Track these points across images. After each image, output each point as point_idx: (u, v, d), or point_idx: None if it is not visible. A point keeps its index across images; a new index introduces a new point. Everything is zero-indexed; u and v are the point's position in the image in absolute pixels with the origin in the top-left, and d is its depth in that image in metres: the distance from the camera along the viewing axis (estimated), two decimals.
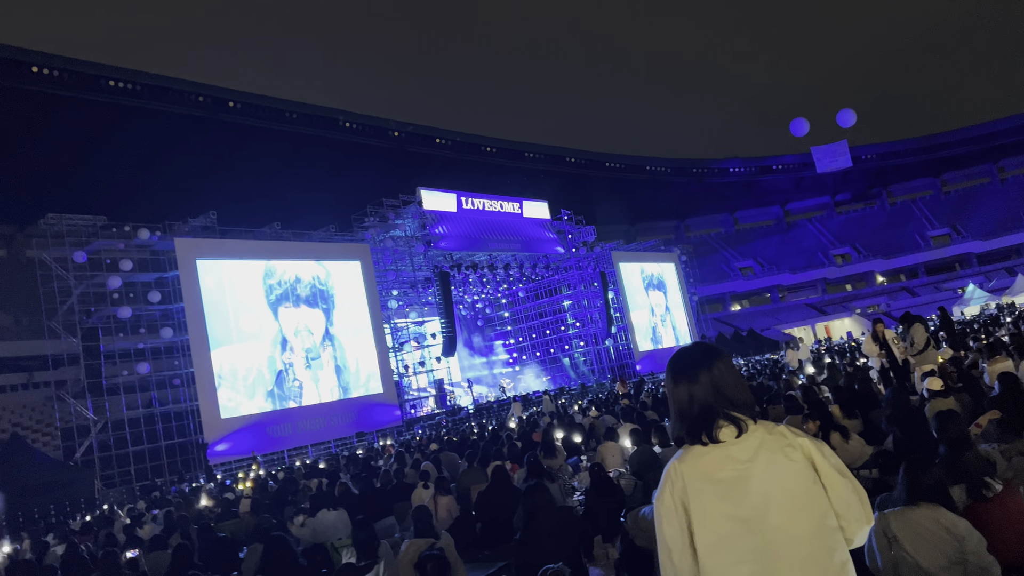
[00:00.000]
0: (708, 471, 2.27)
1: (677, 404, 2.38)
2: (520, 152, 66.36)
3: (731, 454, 2.26)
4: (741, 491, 2.23)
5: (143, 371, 25.64)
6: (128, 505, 20.15)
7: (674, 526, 2.29)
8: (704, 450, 2.29)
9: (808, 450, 2.28)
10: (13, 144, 42.18)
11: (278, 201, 47.60)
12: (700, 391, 2.32)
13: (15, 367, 38.77)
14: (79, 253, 24.76)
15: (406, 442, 23.54)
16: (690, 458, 2.31)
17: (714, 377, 2.33)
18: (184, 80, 47.18)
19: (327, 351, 29.66)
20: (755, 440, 2.26)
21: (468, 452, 12.87)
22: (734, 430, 2.28)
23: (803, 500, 2.21)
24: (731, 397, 2.31)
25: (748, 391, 2.36)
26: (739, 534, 2.20)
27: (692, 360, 2.39)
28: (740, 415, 2.29)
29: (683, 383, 2.36)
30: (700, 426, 2.30)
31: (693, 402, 2.33)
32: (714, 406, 2.30)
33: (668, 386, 2.44)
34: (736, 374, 2.37)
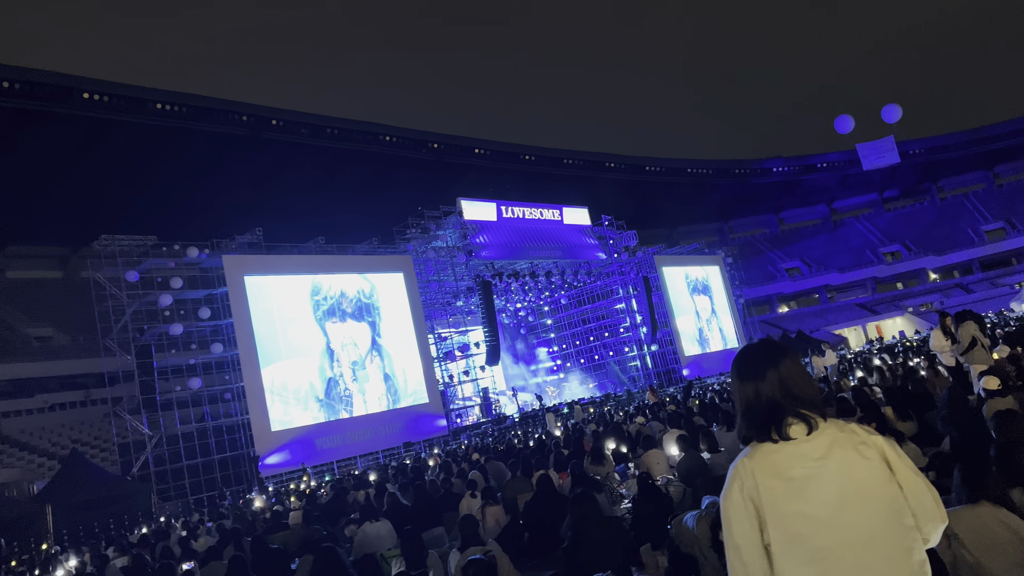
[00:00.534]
0: (779, 469, 2.24)
1: (744, 402, 2.36)
2: (559, 159, 66.34)
3: (803, 452, 2.24)
4: (815, 489, 2.20)
5: (195, 386, 26.18)
6: (183, 518, 20.58)
7: (744, 524, 2.26)
8: (774, 448, 2.27)
9: (882, 448, 2.26)
10: (67, 168, 43.60)
11: (322, 216, 48.33)
12: (767, 388, 2.31)
13: (73, 385, 39.98)
14: (131, 272, 25.44)
15: (452, 451, 23.61)
16: (760, 455, 2.28)
17: (782, 374, 2.32)
18: (227, 100, 48.27)
19: (373, 363, 29.94)
20: (827, 438, 2.25)
21: (513, 461, 12.85)
22: (804, 427, 2.26)
23: (879, 498, 2.19)
24: (799, 394, 2.30)
25: (816, 388, 2.34)
26: (813, 533, 2.18)
27: (759, 357, 2.38)
28: (809, 412, 2.28)
29: (750, 380, 2.35)
30: (769, 423, 2.29)
31: (760, 399, 2.31)
32: (782, 403, 2.29)
33: (734, 384, 2.43)
34: (804, 371, 2.36)
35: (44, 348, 41.69)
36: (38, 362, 39.84)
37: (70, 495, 21.67)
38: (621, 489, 10.29)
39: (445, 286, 34.85)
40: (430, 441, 29.26)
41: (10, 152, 40.84)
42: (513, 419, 32.71)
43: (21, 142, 40.65)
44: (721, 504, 2.34)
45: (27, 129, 40.16)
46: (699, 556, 5.73)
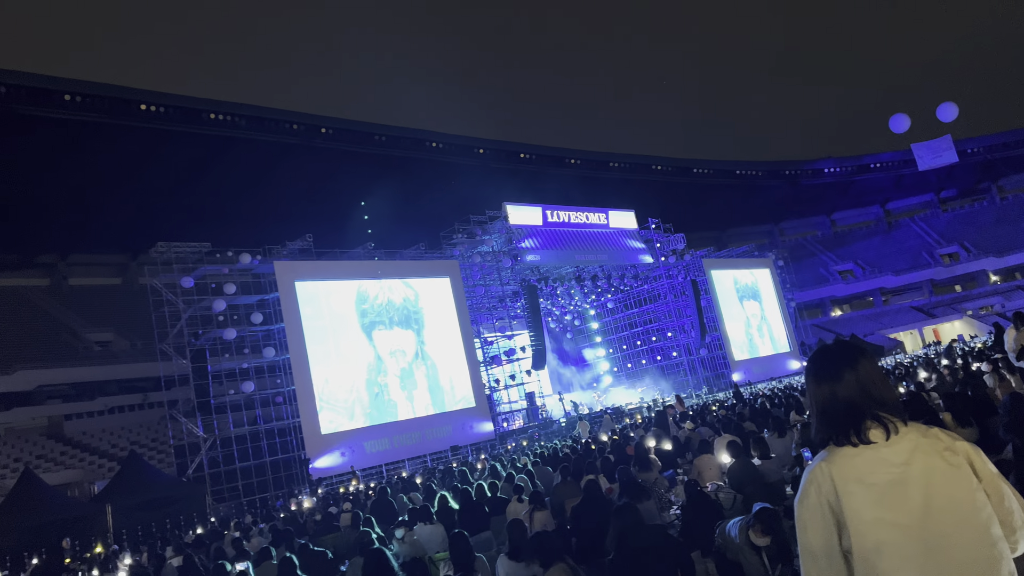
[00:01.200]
0: (860, 474, 2.16)
1: (820, 404, 2.30)
2: (604, 162, 66.06)
3: (884, 456, 2.16)
4: (898, 495, 2.12)
5: (248, 390, 26.71)
6: (236, 519, 20.99)
7: (819, 531, 2.20)
8: (853, 452, 2.20)
9: (969, 454, 2.18)
10: (125, 178, 44.98)
11: (370, 222, 48.94)
12: (844, 390, 2.25)
13: (131, 388, 41.17)
14: (187, 279, 26.09)
15: (499, 456, 23.65)
16: (839, 459, 2.21)
17: (860, 376, 2.25)
18: (279, 109, 49.29)
19: (420, 368, 30.18)
20: (908, 443, 2.17)
21: (561, 466, 12.82)
22: (883, 431, 2.19)
23: (967, 506, 2.11)
24: (878, 396, 2.23)
25: (894, 390, 2.28)
26: (897, 541, 2.10)
27: (835, 358, 2.32)
28: (889, 416, 2.21)
29: (826, 382, 2.29)
30: (847, 426, 2.22)
31: (838, 401, 2.25)
32: (861, 405, 2.22)
33: (809, 386, 2.37)
34: (882, 373, 2.29)
35: (104, 352, 43.01)
36: (99, 366, 41.13)
37: (128, 495, 22.30)
38: (670, 495, 10.18)
39: (491, 291, 34.96)
40: (477, 445, 29.36)
41: (72, 163, 42.30)
42: (560, 423, 32.62)
43: (83, 153, 42.06)
44: (796, 509, 2.27)
45: (88, 141, 41.54)
46: (744, 563, 5.66)
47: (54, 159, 41.67)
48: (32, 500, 21.36)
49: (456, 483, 14.66)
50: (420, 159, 54.80)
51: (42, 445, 36.98)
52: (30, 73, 39.94)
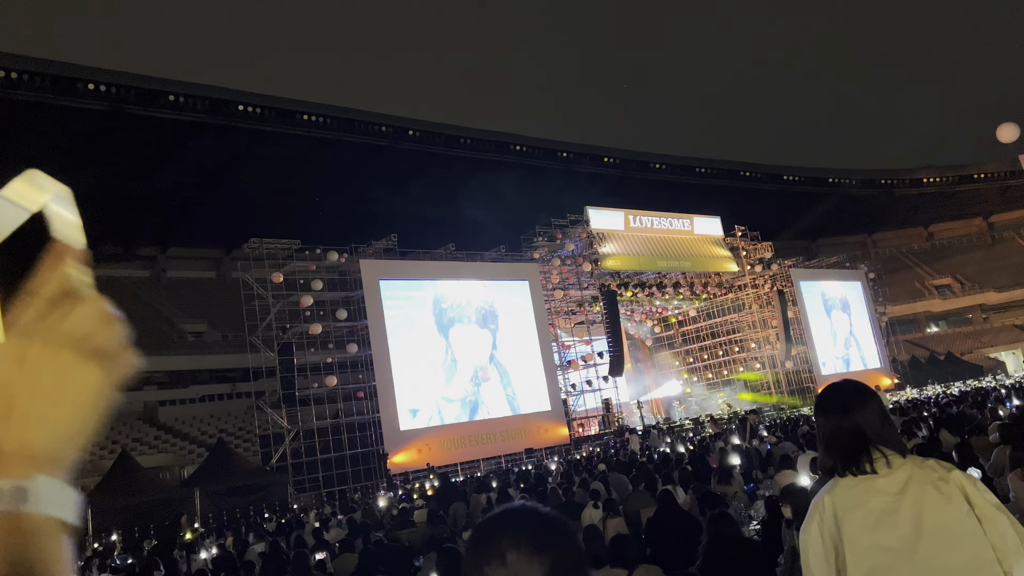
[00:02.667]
0: (857, 502, 2.36)
1: (827, 435, 2.52)
2: (691, 167, 65.00)
3: (880, 487, 2.35)
4: (891, 522, 2.30)
5: (331, 384, 27.41)
6: (316, 509, 21.57)
7: (820, 557, 2.39)
8: (853, 482, 2.39)
9: (961, 483, 2.34)
10: (223, 176, 46.93)
11: (452, 223, 49.57)
12: (850, 424, 2.45)
13: (222, 378, 42.89)
14: (276, 274, 27.01)
15: (574, 461, 23.53)
16: (840, 490, 2.42)
17: (865, 412, 2.45)
18: (369, 111, 50.53)
19: (497, 370, 30.35)
20: (903, 473, 2.35)
21: (636, 474, 12.66)
22: (883, 464, 2.38)
23: (956, 531, 2.27)
24: (880, 432, 2.43)
25: (895, 430, 2.49)
26: (890, 565, 2.28)
27: (846, 394, 2.54)
28: (888, 449, 2.40)
29: (834, 415, 2.50)
30: (850, 456, 2.42)
31: (843, 433, 2.45)
32: (864, 439, 2.42)
33: (818, 418, 2.59)
34: (885, 415, 2.50)
35: (198, 343, 44.94)
36: (192, 356, 43.02)
37: (216, 481, 23.24)
38: (749, 510, 9.92)
39: (570, 295, 34.85)
40: (551, 449, 29.30)
41: (174, 161, 44.42)
42: (636, 432, 32.24)
43: (183, 151, 44.11)
44: (800, 537, 2.48)
45: (188, 140, 43.54)
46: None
47: (158, 157, 43.83)
48: (127, 481, 22.51)
49: (530, 486, 14.66)
50: (504, 162, 55.18)
51: (138, 429, 38.91)
52: (137, 74, 42.14)
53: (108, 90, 39.88)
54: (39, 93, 37.89)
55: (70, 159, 41.73)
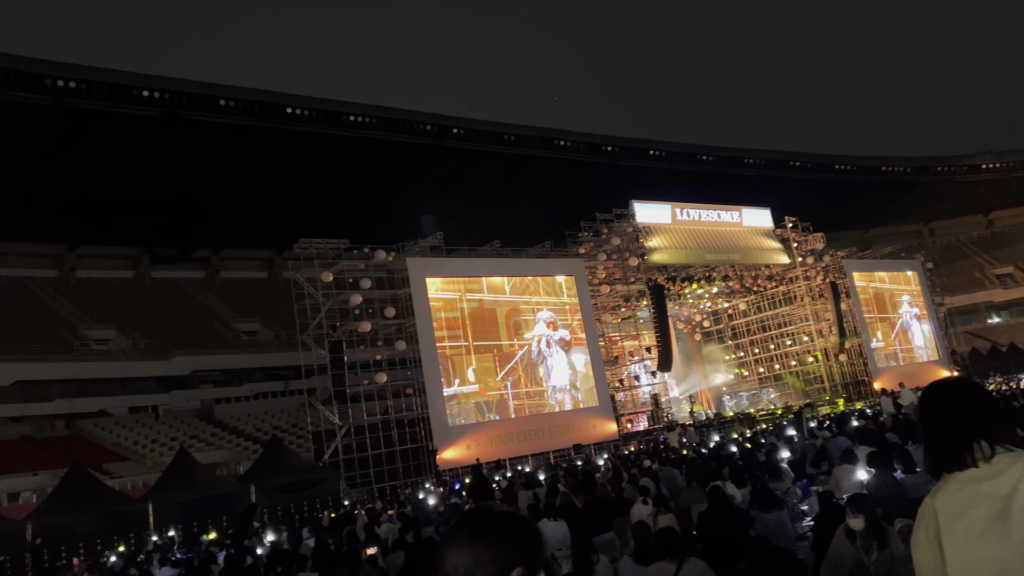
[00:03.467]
0: (961, 509, 2.16)
1: (928, 433, 2.36)
2: (739, 159, 64.02)
3: (987, 490, 2.15)
4: (1000, 531, 2.08)
5: (380, 380, 27.73)
6: (368, 505, 21.86)
7: (930, 568, 2.21)
8: (957, 486, 2.21)
9: None
10: (273, 177, 47.80)
11: (497, 220, 49.68)
12: (954, 418, 2.28)
13: (275, 376, 43.76)
14: (326, 273, 27.42)
15: (623, 456, 23.40)
16: (942, 495, 2.23)
17: (970, 405, 2.30)
18: (413, 111, 50.95)
19: (544, 366, 30.34)
20: (1014, 474, 2.14)
21: (687, 470, 12.53)
22: (988, 461, 2.19)
23: None
24: (985, 426, 2.25)
25: (1004, 423, 2.30)
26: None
27: (949, 388, 2.40)
28: (996, 445, 2.21)
29: (936, 408, 2.35)
30: (954, 452, 2.24)
31: (946, 428, 2.28)
32: (968, 432, 2.24)
33: (920, 413, 2.44)
34: (989, 407, 2.32)
35: (251, 342, 45.92)
36: (246, 354, 44.00)
37: (270, 477, 23.70)
38: (802, 506, 9.75)
39: (616, 290, 34.65)
40: (600, 445, 29.19)
41: (226, 164, 45.37)
42: (685, 427, 31.93)
43: (236, 154, 45.03)
44: (912, 550, 2.29)
45: (240, 143, 44.44)
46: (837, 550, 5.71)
47: (211, 160, 44.82)
48: (186, 477, 23.11)
49: (579, 482, 14.63)
50: (548, 157, 55.09)
51: (195, 426, 39.94)
52: (190, 80, 43.17)
53: (162, 96, 40.93)
54: (96, 101, 39.06)
55: (127, 165, 42.97)
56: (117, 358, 40.96)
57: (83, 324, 42.61)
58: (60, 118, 38.73)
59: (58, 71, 38.18)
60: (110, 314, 43.75)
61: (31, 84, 37.23)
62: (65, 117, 38.84)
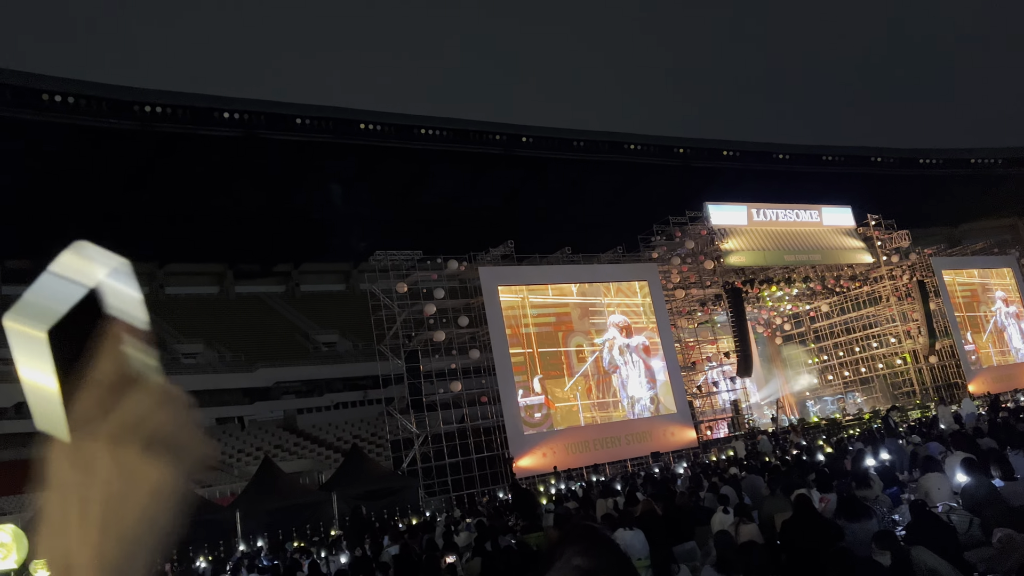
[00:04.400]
0: None
1: None
2: (816, 156, 62.22)
3: None
4: None
5: (456, 389, 27.97)
6: (446, 513, 22.03)
7: None
8: None
9: None
10: (348, 192, 48.95)
11: (568, 226, 49.60)
12: None
13: (354, 386, 44.68)
14: (401, 284, 27.89)
15: (703, 464, 22.94)
16: None
17: None
18: (482, 121, 51.45)
19: (620, 372, 30.06)
20: None
21: (770, 478, 12.18)
22: None
23: None
24: None
25: None
26: None
27: None
28: None
29: None
30: None
31: None
32: None
33: None
34: None
35: (331, 353, 47.04)
36: (326, 365, 45.10)
37: (351, 486, 24.13)
38: (893, 515, 9.35)
39: (692, 294, 34.08)
40: (679, 453, 28.70)
41: (303, 180, 46.72)
42: (768, 434, 31.11)
43: (312, 171, 46.35)
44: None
45: (316, 159, 45.71)
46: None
47: (289, 177, 46.25)
48: (271, 486, 23.75)
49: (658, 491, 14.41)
50: (618, 162, 54.73)
51: (279, 436, 41.11)
52: (266, 100, 44.67)
53: (241, 117, 42.48)
54: (181, 124, 40.84)
55: (210, 184, 44.75)
56: (204, 371, 42.55)
57: (172, 339, 44.44)
58: (148, 142, 40.62)
59: (146, 97, 40.09)
60: (197, 329, 45.52)
61: (122, 111, 39.19)
62: (152, 140, 40.71)
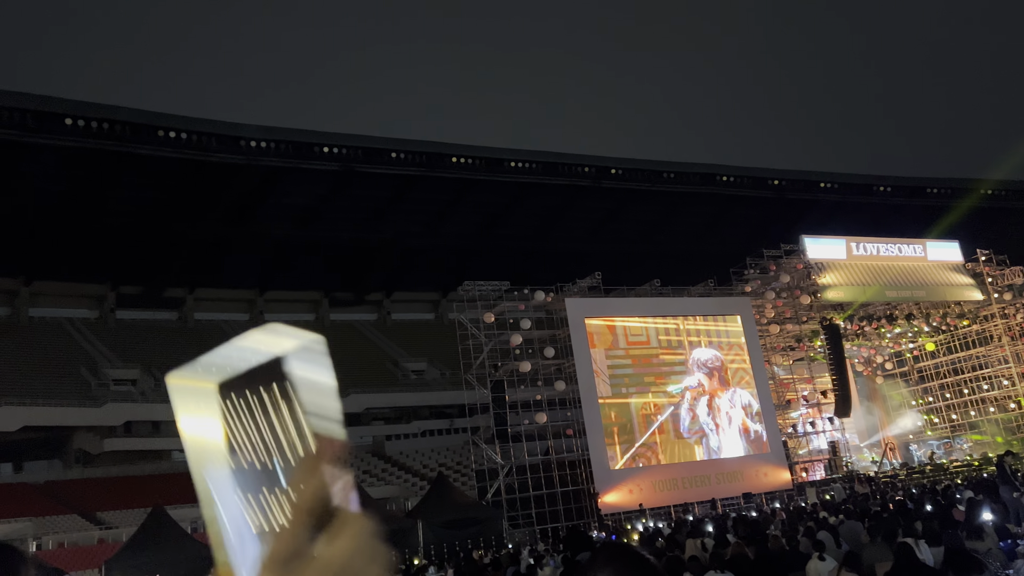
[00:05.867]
0: None
1: None
2: (920, 188, 59.65)
3: None
4: None
5: (541, 421, 27.88)
6: (530, 546, 21.82)
7: None
8: None
9: None
10: (438, 224, 50.00)
11: (657, 258, 49.05)
12: None
13: (441, 414, 45.13)
14: (488, 314, 28.15)
15: (798, 508, 22.00)
16: None
17: None
18: (571, 154, 51.72)
19: (711, 410, 29.30)
20: None
21: (871, 525, 11.56)
22: None
23: None
24: None
25: None
26: None
27: None
28: None
29: None
30: None
31: None
32: None
33: None
34: None
35: (419, 381, 47.73)
36: (414, 392, 45.76)
37: (436, 514, 24.27)
38: (1007, 570, 8.70)
39: (787, 330, 33.01)
40: (771, 494, 27.64)
41: (396, 212, 48.02)
42: (868, 478, 29.63)
43: (404, 203, 47.61)
44: None
45: (408, 192, 46.93)
46: None
47: (382, 210, 47.65)
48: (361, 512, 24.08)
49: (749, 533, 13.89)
50: (710, 193, 53.90)
51: (368, 462, 41.84)
52: (364, 135, 46.28)
53: (340, 151, 44.12)
54: (284, 158, 42.73)
55: (308, 216, 46.56)
56: None
57: None
58: (252, 175, 42.66)
59: (251, 132, 42.19)
60: None
61: (230, 146, 41.34)
62: (256, 174, 42.72)
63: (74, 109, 37.68)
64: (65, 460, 38.14)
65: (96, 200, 40.96)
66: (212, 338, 45.85)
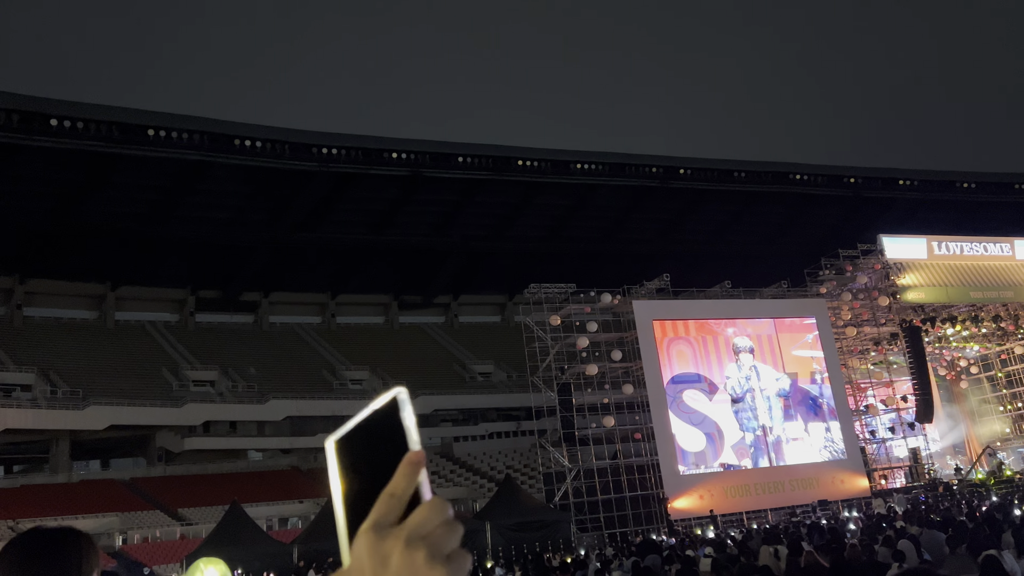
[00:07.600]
0: None
1: None
2: (1007, 184, 56.85)
3: None
4: None
5: (608, 424, 27.65)
6: (598, 550, 21.65)
7: None
8: None
9: None
10: (505, 227, 50.17)
11: (727, 260, 48.08)
12: None
13: (507, 417, 45.21)
14: (554, 317, 28.08)
15: (876, 516, 21.21)
16: None
17: None
18: (638, 154, 51.16)
19: (786, 414, 28.55)
20: None
21: (954, 535, 11.04)
22: None
23: None
24: None
25: None
26: None
27: None
28: None
29: None
30: None
31: None
32: None
33: None
34: None
35: (486, 383, 47.93)
36: (481, 395, 45.99)
37: (504, 516, 24.31)
38: None
39: (864, 332, 31.90)
40: (848, 502, 26.74)
41: (463, 216, 48.41)
42: (952, 486, 28.38)
43: (472, 207, 47.95)
44: None
45: (475, 195, 47.25)
46: None
47: (450, 213, 48.12)
48: None
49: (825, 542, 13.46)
50: (782, 192, 52.54)
51: (436, 463, 42.21)
52: (430, 140, 46.82)
53: (408, 156, 44.74)
54: (354, 164, 43.57)
55: (378, 220, 47.38)
56: (369, 397, 43.74)
57: (341, 366, 46.98)
58: (324, 181, 43.65)
59: (323, 140, 43.17)
60: (363, 357, 47.86)
61: (302, 153, 42.40)
62: (327, 180, 43.69)
63: (158, 121, 39.27)
64: (148, 458, 39.68)
65: (175, 207, 42.63)
66: (286, 340, 47.10)
